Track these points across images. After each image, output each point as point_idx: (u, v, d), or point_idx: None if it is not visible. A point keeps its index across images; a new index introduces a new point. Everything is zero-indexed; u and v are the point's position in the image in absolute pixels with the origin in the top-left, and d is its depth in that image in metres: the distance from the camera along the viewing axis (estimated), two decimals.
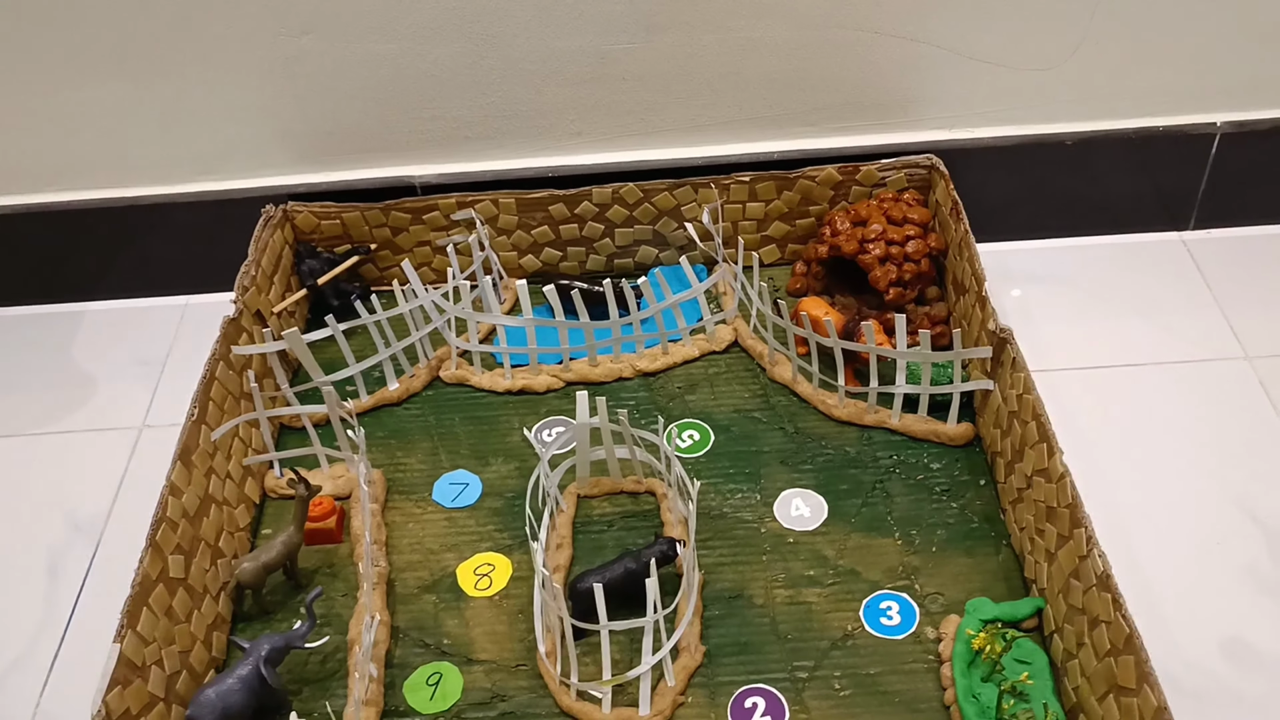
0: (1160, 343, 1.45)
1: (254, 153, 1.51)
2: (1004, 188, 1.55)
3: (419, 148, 1.51)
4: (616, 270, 1.56)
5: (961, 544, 1.23)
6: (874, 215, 1.44)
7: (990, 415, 1.29)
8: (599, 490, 1.31)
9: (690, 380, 1.43)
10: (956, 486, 1.29)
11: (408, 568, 1.26)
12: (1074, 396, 1.38)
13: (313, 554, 1.27)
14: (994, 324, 1.27)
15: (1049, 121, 1.51)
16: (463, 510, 1.31)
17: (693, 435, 1.37)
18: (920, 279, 1.43)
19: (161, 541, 1.12)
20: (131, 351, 1.57)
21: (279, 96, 1.47)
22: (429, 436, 1.39)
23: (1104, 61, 1.46)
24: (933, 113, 1.50)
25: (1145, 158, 1.52)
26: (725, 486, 1.31)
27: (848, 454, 1.33)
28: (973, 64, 1.46)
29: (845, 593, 1.20)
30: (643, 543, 1.24)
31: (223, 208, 1.53)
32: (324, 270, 1.50)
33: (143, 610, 1.07)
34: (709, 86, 1.47)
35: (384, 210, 1.50)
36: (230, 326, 1.34)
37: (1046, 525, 1.14)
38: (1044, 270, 1.57)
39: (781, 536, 1.25)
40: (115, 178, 1.53)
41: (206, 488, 1.22)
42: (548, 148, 1.52)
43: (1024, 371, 1.21)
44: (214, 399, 1.27)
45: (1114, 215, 1.58)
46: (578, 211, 1.50)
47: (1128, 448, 1.34)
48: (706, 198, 1.49)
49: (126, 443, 1.44)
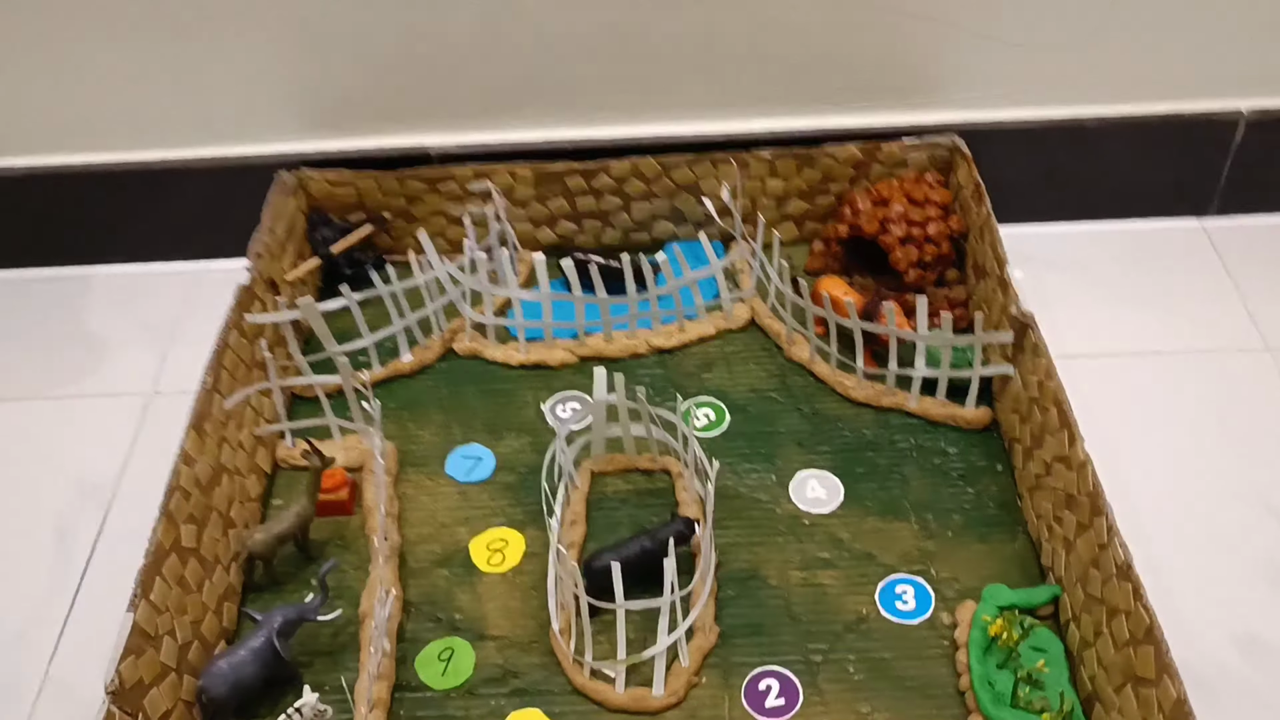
0: (1179, 331, 1.44)
1: (268, 118, 1.49)
2: (1024, 170, 1.53)
3: (436, 116, 1.49)
4: (633, 245, 1.55)
5: (977, 530, 1.23)
6: (895, 195, 1.42)
7: (1009, 400, 1.28)
8: (613, 467, 1.30)
9: (706, 358, 1.42)
10: (973, 472, 1.28)
11: (420, 541, 1.25)
12: (1090, 384, 1.37)
13: (324, 525, 1.26)
14: (1016, 308, 1.26)
15: (1072, 104, 1.49)
16: (476, 485, 1.30)
17: (709, 414, 1.36)
18: (941, 261, 1.41)
19: (175, 510, 1.11)
20: (142, 317, 1.55)
21: (294, 61, 1.45)
22: (442, 409, 1.38)
23: (1129, 45, 1.44)
24: (955, 93, 1.48)
25: (1168, 143, 1.51)
26: (741, 467, 1.30)
27: (864, 436, 1.32)
28: (996, 45, 1.44)
29: (860, 576, 1.19)
30: (658, 521, 1.23)
31: (235, 173, 1.51)
32: (337, 239, 1.48)
33: (155, 579, 1.06)
34: (731, 63, 1.45)
35: (399, 179, 1.48)
36: (243, 294, 1.32)
37: (1065, 513, 1.13)
38: (1062, 254, 1.55)
39: (797, 518, 1.25)
40: (126, 140, 1.51)
41: (219, 457, 1.21)
42: (567, 120, 1.50)
43: (1045, 358, 1.20)
44: (226, 367, 1.26)
45: (1134, 200, 1.57)
46: (595, 185, 1.48)
47: (1143, 437, 1.33)
48: (726, 174, 1.48)
49: (136, 409, 1.43)
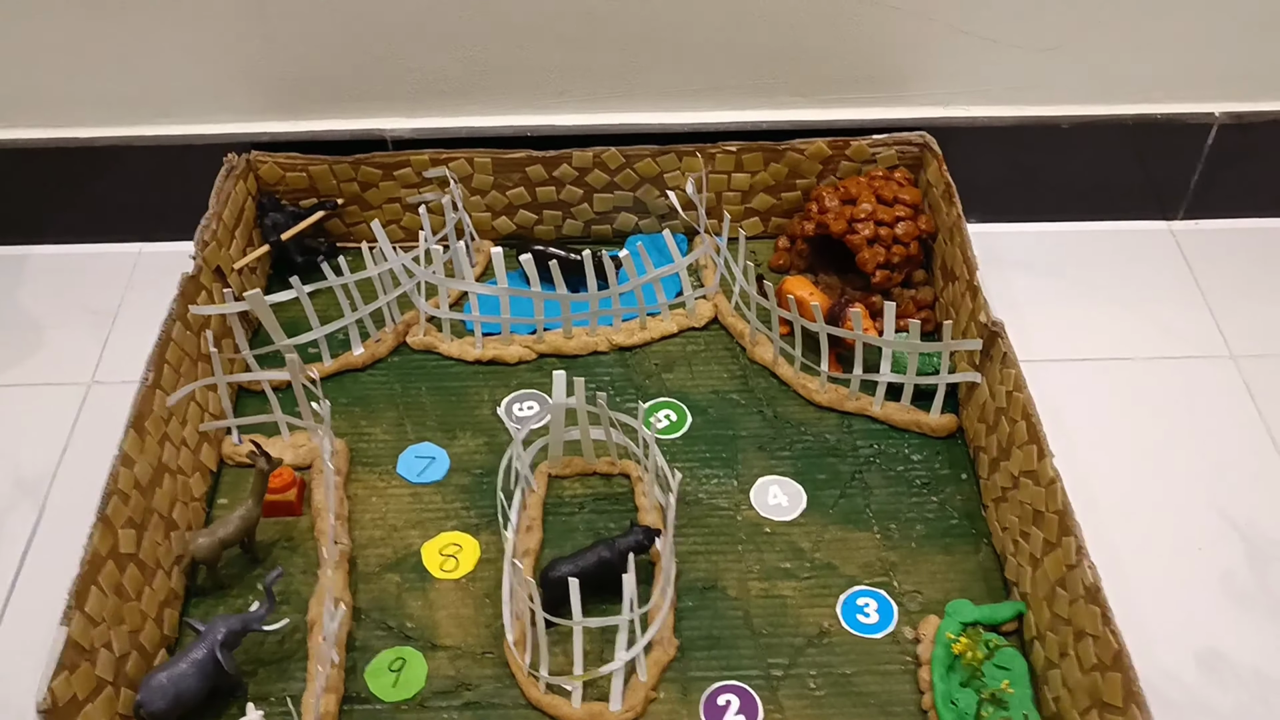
0: (1145, 337, 1.43)
1: (216, 96, 1.43)
2: (994, 168, 1.50)
3: (393, 99, 1.44)
4: (594, 236, 1.51)
5: (940, 540, 1.21)
6: (864, 194, 1.39)
7: (975, 409, 1.26)
8: (571, 470, 1.26)
9: (668, 357, 1.39)
10: (937, 480, 1.26)
11: (370, 544, 1.21)
12: (1056, 389, 1.35)
13: (271, 526, 1.22)
14: (985, 316, 1.23)
15: (1046, 103, 1.46)
16: (428, 486, 1.26)
17: (669, 416, 1.33)
18: (908, 262, 1.39)
19: (112, 515, 1.06)
20: (81, 300, 1.48)
21: (245, 37, 1.38)
22: (394, 406, 1.34)
23: (1106, 45, 1.41)
24: (927, 88, 1.45)
25: (1141, 145, 1.49)
26: (701, 471, 1.27)
27: (827, 441, 1.30)
28: (972, 40, 1.41)
29: (821, 587, 1.17)
30: (617, 530, 1.20)
31: (181, 153, 1.45)
32: (288, 224, 1.42)
33: (91, 589, 1.02)
34: (699, 52, 1.40)
35: (353, 164, 1.43)
36: (189, 284, 1.27)
37: (1032, 529, 1.11)
38: (1030, 254, 1.53)
39: (758, 526, 1.22)
40: (65, 116, 1.44)
41: (160, 456, 1.16)
42: (528, 106, 1.45)
43: (1015, 368, 1.18)
44: (170, 361, 1.21)
45: (1104, 201, 1.55)
46: (556, 174, 1.44)
47: (1108, 444, 1.31)
48: (691, 166, 1.44)
49: (74, 399, 1.37)
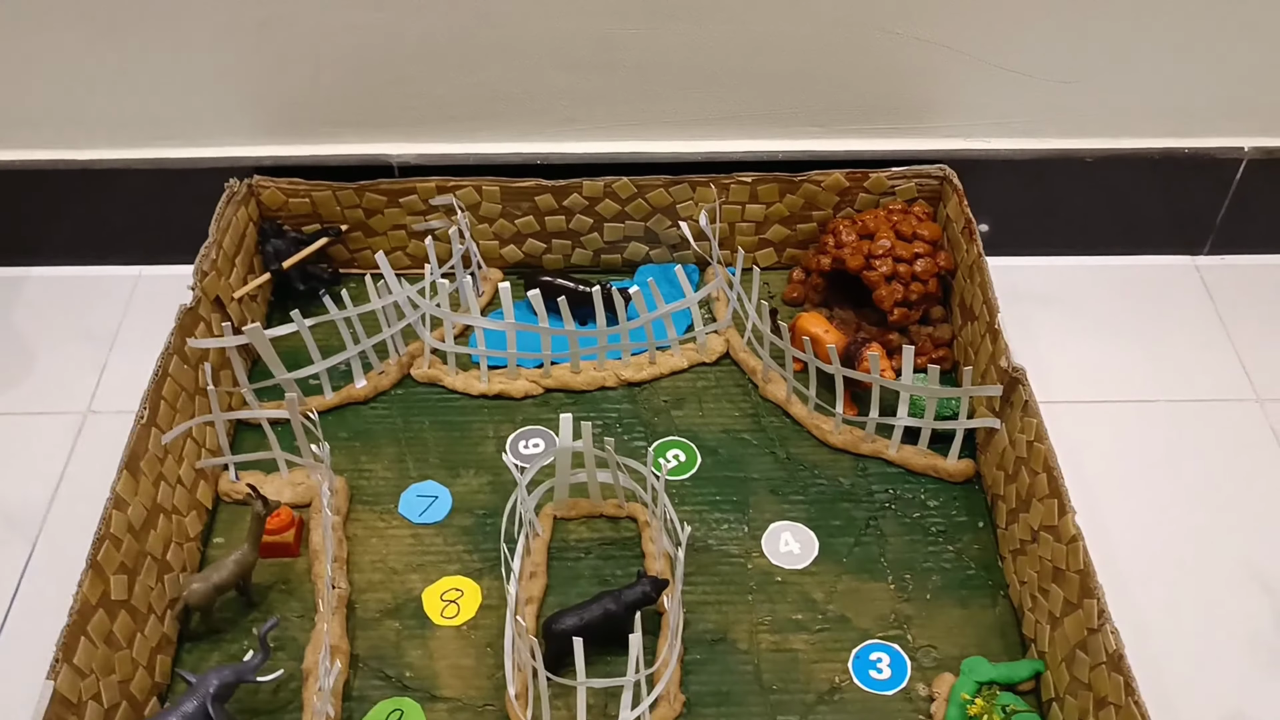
0: (1167, 378, 1.39)
1: (218, 119, 1.39)
2: (1015, 201, 1.46)
3: (398, 125, 1.40)
4: (603, 266, 1.47)
5: (956, 592, 1.17)
6: (882, 228, 1.35)
7: (994, 455, 1.22)
8: (576, 513, 1.23)
9: (677, 394, 1.35)
10: (953, 528, 1.23)
11: (369, 588, 1.18)
12: (1073, 431, 1.32)
13: (268, 568, 1.18)
14: (1006, 361, 1.19)
15: (1070, 136, 1.42)
16: (430, 527, 1.23)
17: (678, 456, 1.29)
18: (926, 299, 1.35)
19: (103, 561, 1.03)
20: (78, 325, 1.45)
21: (248, 60, 1.35)
22: (396, 441, 1.30)
23: (1134, 78, 1.37)
24: (948, 120, 1.41)
25: (1167, 180, 1.44)
26: (711, 515, 1.24)
27: (841, 485, 1.26)
28: (995, 71, 1.37)
29: (834, 641, 1.13)
30: (624, 577, 1.17)
31: (182, 176, 1.42)
32: (290, 251, 1.39)
33: (80, 641, 0.98)
34: (715, 80, 1.36)
35: (358, 191, 1.39)
36: (186, 316, 1.23)
37: (1052, 586, 1.07)
38: (1049, 289, 1.49)
39: (769, 574, 1.19)
40: (63, 137, 1.40)
41: (155, 496, 1.13)
42: (538, 133, 1.41)
43: (1036, 418, 1.14)
44: (166, 397, 1.18)
45: (1126, 235, 1.50)
46: (566, 203, 1.40)
47: (1128, 492, 1.27)
48: (704, 197, 1.40)
49: (69, 429, 1.34)
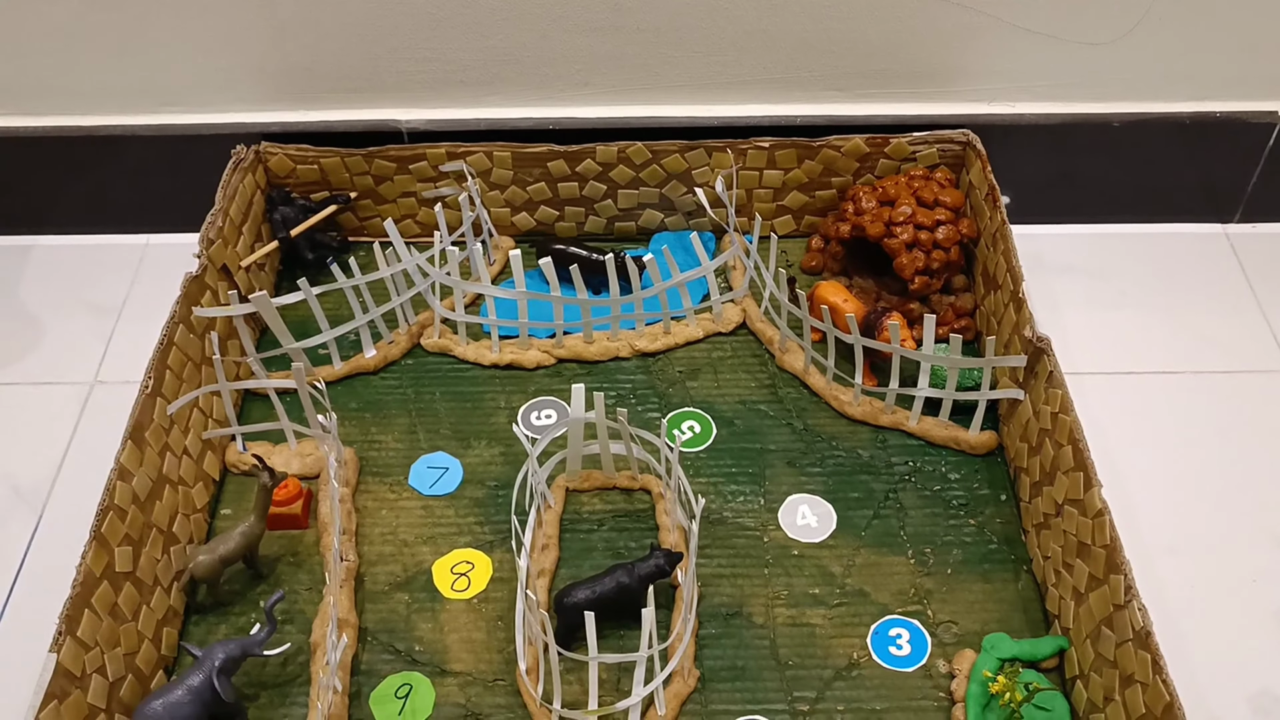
0: (1195, 348, 1.35)
1: (224, 85, 1.37)
2: (1040, 167, 1.43)
3: (408, 90, 1.37)
4: (617, 234, 1.44)
5: (978, 567, 1.15)
6: (903, 195, 1.32)
7: (1017, 427, 1.19)
8: (589, 484, 1.21)
9: (692, 364, 1.32)
10: (975, 501, 1.20)
11: (379, 560, 1.16)
12: (1098, 403, 1.29)
13: (275, 540, 1.17)
14: (1030, 331, 1.16)
15: (1097, 100, 1.38)
16: (441, 499, 1.21)
17: (693, 427, 1.26)
18: (948, 267, 1.32)
19: (107, 533, 1.01)
20: (84, 294, 1.43)
21: (253, 24, 1.32)
22: (407, 412, 1.28)
23: (1164, 40, 1.33)
24: (971, 84, 1.37)
25: (1197, 145, 1.40)
26: (726, 488, 1.21)
27: (860, 457, 1.23)
28: (1020, 33, 1.33)
29: (852, 615, 1.11)
30: (637, 549, 1.15)
31: (188, 143, 1.39)
32: (298, 219, 1.37)
33: (84, 613, 0.97)
34: (732, 43, 1.33)
35: (367, 157, 1.36)
36: (192, 285, 1.21)
37: (1076, 561, 1.05)
38: (1073, 257, 1.45)
39: (786, 548, 1.16)
40: (68, 104, 1.38)
41: (160, 467, 1.11)
42: (550, 98, 1.38)
43: (1061, 389, 1.11)
44: (171, 366, 1.16)
45: (1155, 202, 1.47)
46: (579, 170, 1.37)
47: (1153, 465, 1.24)
48: (721, 163, 1.37)
49: (76, 399, 1.32)
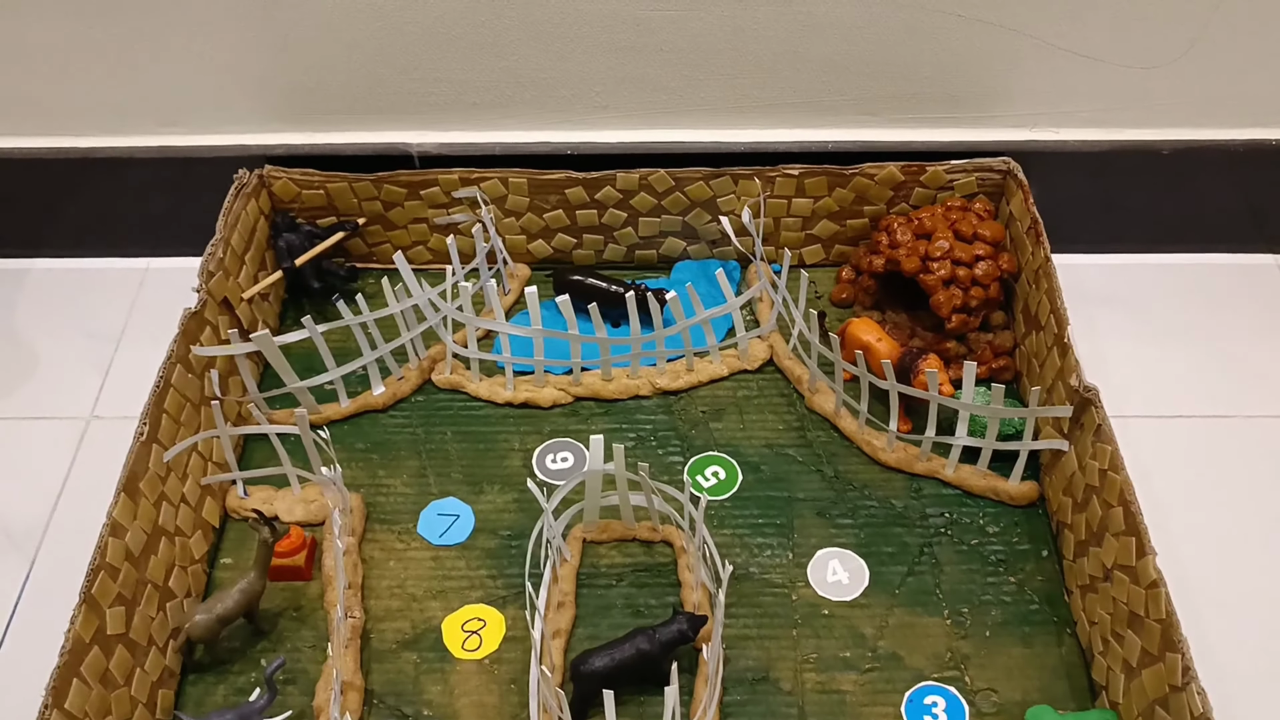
0: (1247, 390, 1.28)
1: (226, 105, 1.30)
2: (1084, 195, 1.36)
3: (418, 112, 1.31)
4: (638, 262, 1.38)
5: (1019, 629, 1.08)
6: (940, 228, 1.25)
7: (1060, 479, 1.13)
8: (608, 536, 1.14)
9: (716, 404, 1.26)
10: (1015, 557, 1.13)
11: (386, 616, 1.10)
12: (1144, 449, 1.22)
13: (278, 592, 1.11)
14: (1077, 379, 1.09)
15: (1145, 126, 1.31)
16: (451, 549, 1.15)
17: (717, 473, 1.20)
18: (987, 304, 1.25)
19: (98, 594, 0.96)
20: (82, 322, 1.37)
21: (256, 42, 1.25)
22: (417, 454, 1.22)
23: (1218, 64, 1.26)
24: (1012, 109, 1.30)
25: (1248, 173, 1.33)
26: (753, 540, 1.15)
27: (893, 508, 1.17)
28: (1065, 56, 1.25)
29: (885, 681, 1.05)
30: (657, 607, 1.09)
31: (189, 166, 1.33)
32: (304, 246, 1.30)
33: (72, 683, 0.91)
34: (759, 65, 1.26)
35: (375, 183, 1.30)
36: (191, 321, 1.15)
37: (1127, 632, 0.98)
38: (1116, 289, 1.38)
39: (815, 607, 1.10)
40: (65, 124, 1.32)
41: (156, 519, 1.05)
42: (568, 121, 1.31)
43: (1111, 444, 1.04)
44: (168, 410, 1.10)
45: (1203, 231, 1.39)
46: (598, 197, 1.30)
47: (1205, 519, 1.17)
48: (747, 191, 1.30)
49: (71, 435, 1.26)
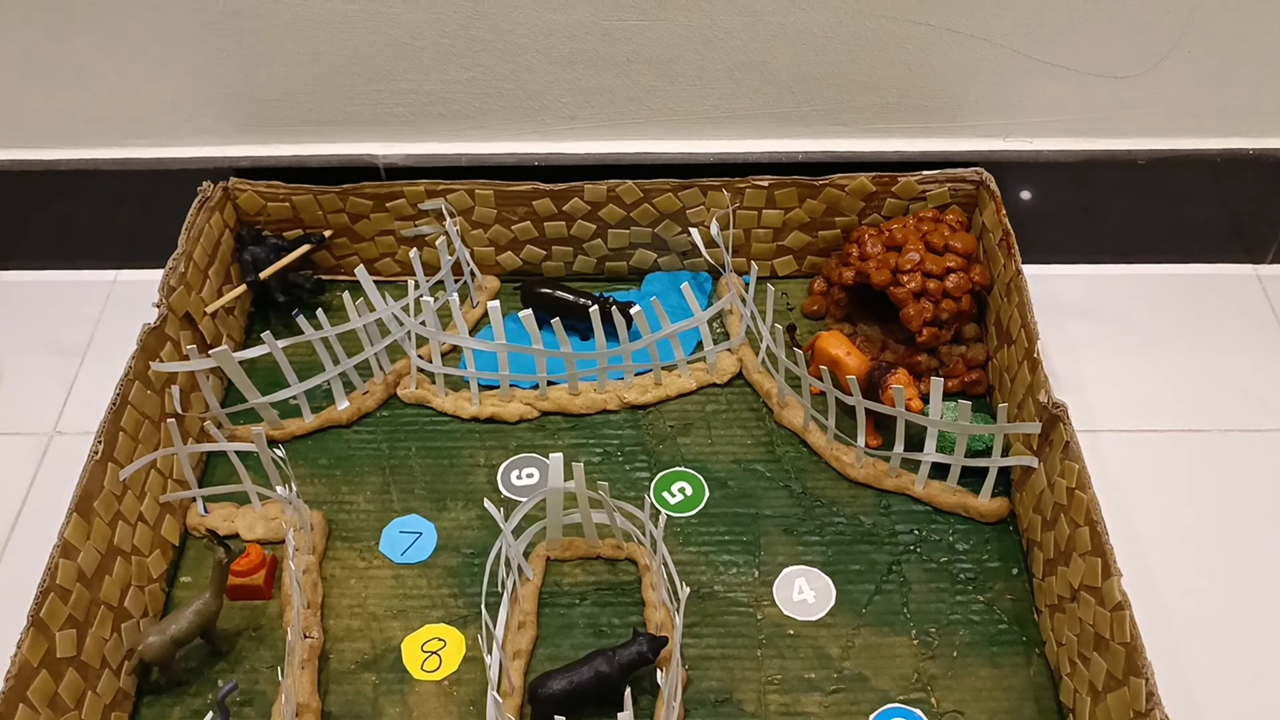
0: (1223, 403, 1.27)
1: (190, 117, 1.29)
2: (1058, 206, 1.34)
3: (384, 123, 1.29)
4: (608, 273, 1.36)
5: (986, 649, 1.07)
6: (910, 240, 1.23)
7: (1030, 496, 1.11)
8: (571, 554, 1.13)
9: (684, 418, 1.25)
10: (984, 575, 1.12)
11: (346, 636, 1.08)
12: (1119, 464, 1.21)
13: (237, 611, 1.10)
14: (1046, 395, 1.08)
15: (1120, 136, 1.29)
16: (413, 567, 1.13)
17: (684, 489, 1.19)
18: (959, 317, 1.23)
19: (47, 617, 0.94)
20: (45, 334, 1.36)
21: (219, 53, 1.24)
22: (380, 469, 1.21)
23: (1195, 73, 1.24)
24: (985, 119, 1.28)
25: (1227, 183, 1.31)
26: (719, 558, 1.13)
27: (861, 525, 1.15)
28: (1038, 66, 1.24)
29: (850, 703, 1.03)
30: (621, 627, 1.07)
31: (154, 178, 1.32)
32: (270, 259, 1.29)
33: (18, 708, 0.90)
34: (728, 76, 1.24)
35: (341, 195, 1.28)
36: (150, 337, 1.14)
37: (1093, 655, 0.97)
38: (1095, 300, 1.37)
39: (780, 626, 1.08)
40: (26, 136, 1.31)
41: (111, 538, 1.04)
42: (536, 132, 1.30)
43: (1078, 462, 1.02)
44: (125, 428, 1.08)
45: (1180, 242, 1.38)
46: (566, 209, 1.29)
47: (1179, 536, 1.15)
48: (717, 202, 1.28)
49: (33, 452, 1.25)
